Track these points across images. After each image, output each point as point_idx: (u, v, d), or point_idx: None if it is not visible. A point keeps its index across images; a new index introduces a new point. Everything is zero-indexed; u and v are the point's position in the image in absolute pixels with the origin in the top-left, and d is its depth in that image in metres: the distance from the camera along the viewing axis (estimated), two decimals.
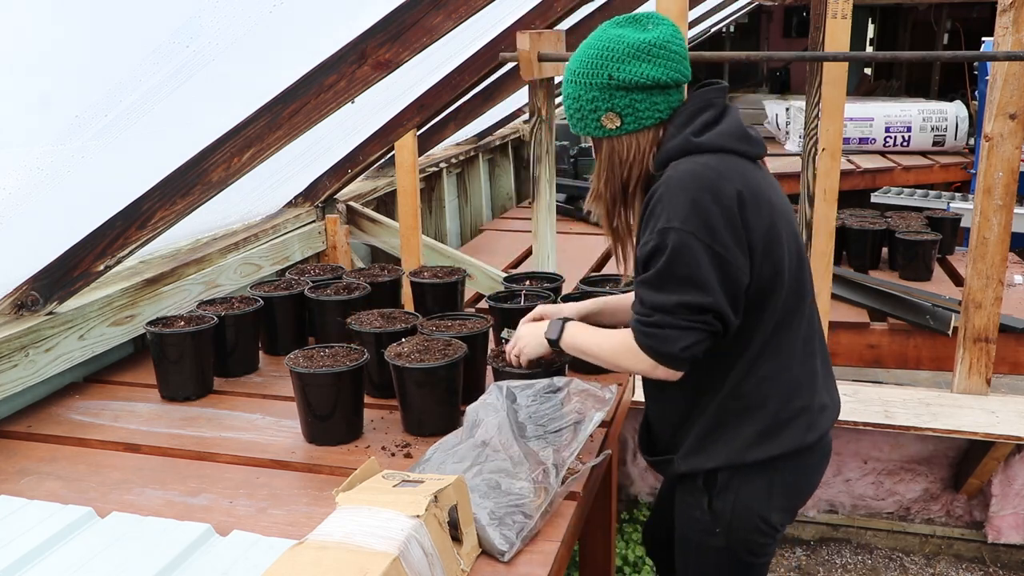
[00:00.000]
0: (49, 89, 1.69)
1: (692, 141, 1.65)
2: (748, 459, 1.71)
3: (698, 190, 1.59)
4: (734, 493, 1.74)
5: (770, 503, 1.75)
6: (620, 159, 1.71)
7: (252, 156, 2.18)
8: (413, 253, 3.48)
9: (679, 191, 1.60)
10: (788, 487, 1.77)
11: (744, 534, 1.76)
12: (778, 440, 1.71)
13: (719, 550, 1.79)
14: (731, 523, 1.75)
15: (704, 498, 1.77)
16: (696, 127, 1.66)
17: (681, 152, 1.65)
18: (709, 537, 1.79)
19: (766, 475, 1.74)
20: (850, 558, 3.31)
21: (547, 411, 1.88)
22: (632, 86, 1.64)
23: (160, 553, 1.47)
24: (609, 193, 1.75)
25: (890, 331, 3.48)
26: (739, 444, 1.71)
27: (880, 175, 6.75)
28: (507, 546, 1.53)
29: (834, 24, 2.82)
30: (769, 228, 1.64)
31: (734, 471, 1.73)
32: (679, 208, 1.58)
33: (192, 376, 2.26)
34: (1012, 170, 2.83)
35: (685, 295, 1.59)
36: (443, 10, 2.11)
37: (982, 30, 8.04)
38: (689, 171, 1.62)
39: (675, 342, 1.62)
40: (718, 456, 1.73)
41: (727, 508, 1.75)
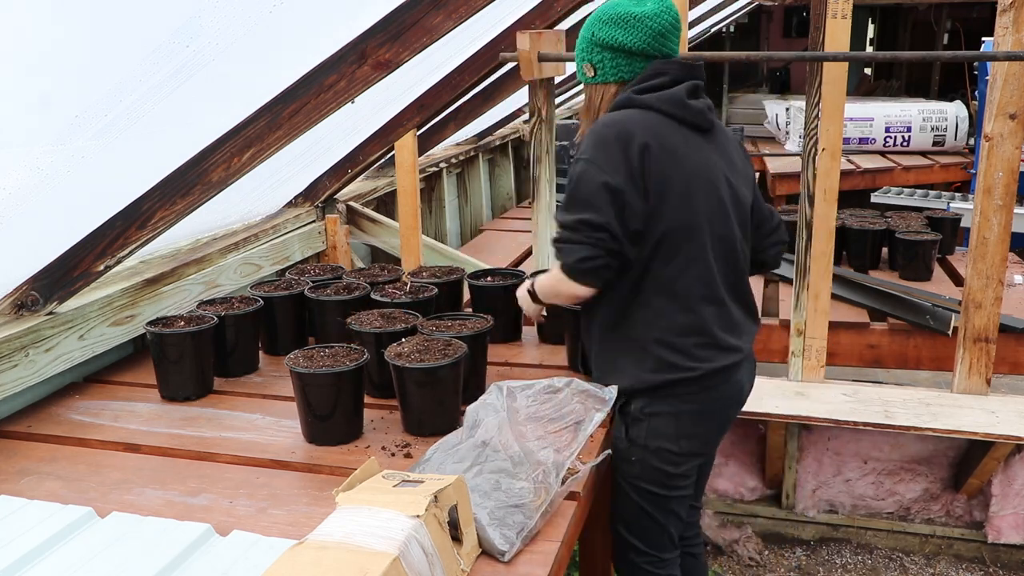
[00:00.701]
0: (49, 89, 1.69)
1: (631, 97, 1.95)
2: (651, 382, 1.96)
3: (610, 135, 1.89)
4: (646, 422, 1.99)
5: (678, 430, 1.99)
6: (591, 102, 2.07)
7: (252, 156, 2.18)
8: (413, 253, 3.48)
9: (595, 133, 1.92)
10: (694, 415, 1.99)
11: (659, 465, 2.00)
12: (680, 366, 1.94)
13: (636, 478, 2.04)
14: (645, 449, 2.00)
15: (622, 428, 2.03)
16: (640, 88, 1.95)
17: (620, 105, 1.96)
18: (628, 465, 2.04)
19: (672, 403, 1.98)
20: (850, 558, 3.31)
21: (547, 411, 1.89)
22: (604, 45, 1.97)
23: (160, 553, 1.47)
24: (584, 127, 2.08)
25: (890, 331, 3.48)
26: (641, 368, 1.96)
27: (880, 175, 6.75)
28: (507, 546, 1.53)
29: (834, 24, 2.82)
30: (667, 181, 1.89)
31: (641, 396, 1.98)
32: (590, 146, 1.91)
33: (192, 376, 2.26)
34: (1012, 170, 2.83)
35: (582, 214, 1.87)
36: (443, 10, 2.11)
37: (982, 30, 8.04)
38: (610, 119, 1.93)
39: (574, 254, 1.89)
40: (622, 377, 1.99)
41: (640, 435, 2.00)
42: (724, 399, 2.04)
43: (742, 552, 3.34)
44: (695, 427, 2.01)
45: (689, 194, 1.91)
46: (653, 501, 2.05)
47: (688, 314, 1.94)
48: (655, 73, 1.96)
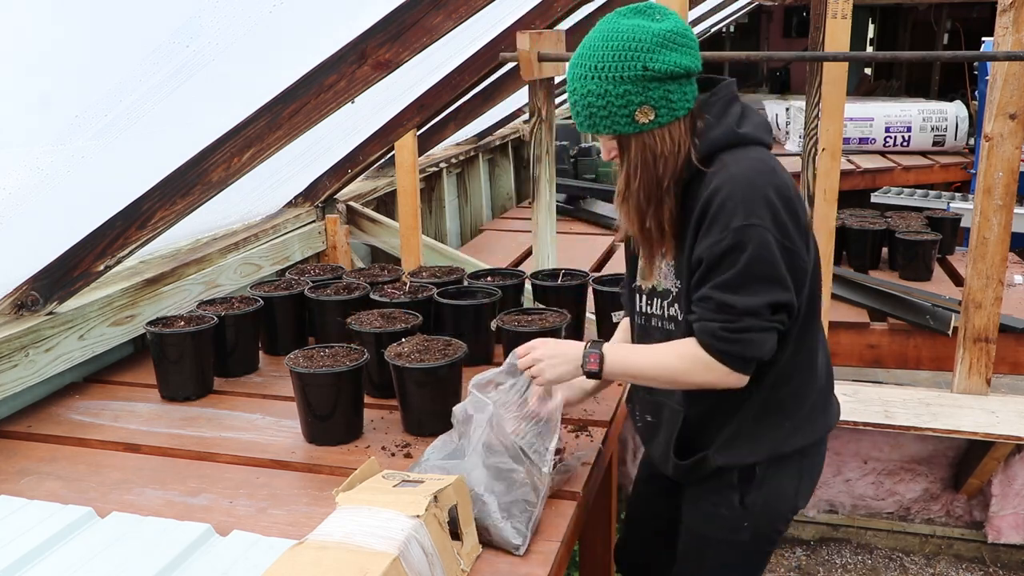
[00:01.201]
0: (49, 89, 1.69)
1: (737, 133, 1.60)
2: (786, 450, 1.72)
3: (765, 184, 1.55)
4: (768, 485, 1.73)
5: (799, 491, 1.78)
6: (654, 155, 1.60)
7: (252, 156, 2.18)
8: (413, 253, 3.48)
9: (750, 187, 1.55)
10: (813, 473, 1.80)
11: (772, 525, 1.79)
12: (811, 429, 1.74)
13: (741, 544, 1.79)
14: (762, 515, 1.76)
15: (735, 495, 1.75)
16: (735, 118, 1.62)
17: (727, 143, 1.60)
18: (734, 533, 1.77)
19: (798, 464, 1.76)
20: (850, 558, 3.31)
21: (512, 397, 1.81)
22: (667, 76, 1.55)
23: (160, 553, 1.47)
24: (643, 192, 1.62)
25: (890, 331, 3.48)
26: (780, 435, 1.71)
27: (880, 175, 6.75)
28: (520, 539, 1.54)
29: (834, 24, 2.82)
30: (807, 219, 1.64)
31: (771, 463, 1.73)
32: (754, 204, 1.53)
33: (192, 376, 2.26)
34: (1012, 170, 2.83)
35: (771, 295, 1.55)
36: (443, 10, 2.11)
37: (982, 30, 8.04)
38: (754, 167, 1.58)
39: (763, 345, 1.57)
40: (761, 449, 1.71)
41: (759, 501, 1.74)
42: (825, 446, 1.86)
43: None
44: (812, 485, 1.82)
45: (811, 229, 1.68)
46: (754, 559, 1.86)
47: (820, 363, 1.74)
48: (731, 98, 1.65)
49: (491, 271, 2.85)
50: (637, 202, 1.64)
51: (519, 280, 2.70)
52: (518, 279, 2.71)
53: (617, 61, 1.55)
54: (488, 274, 2.79)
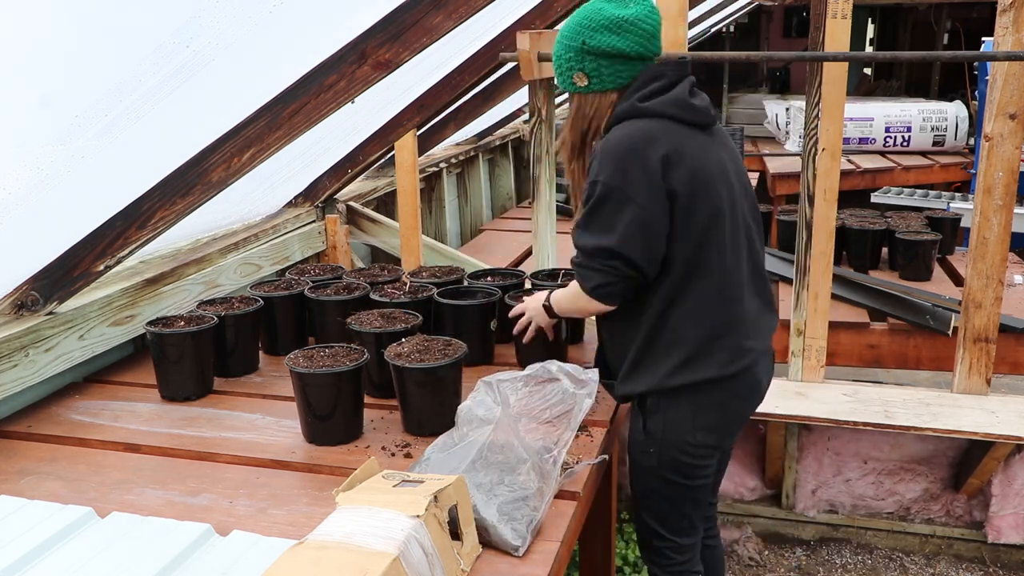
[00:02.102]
0: (49, 89, 1.69)
1: (637, 106, 1.90)
2: (669, 384, 1.94)
3: (626, 150, 1.84)
4: (662, 414, 1.97)
5: (694, 423, 1.97)
6: (583, 113, 1.99)
7: (252, 156, 2.18)
8: (413, 253, 3.48)
9: (610, 150, 1.86)
10: (711, 410, 1.98)
11: (673, 453, 1.98)
12: (697, 369, 1.93)
13: (653, 469, 2.02)
14: (662, 442, 1.98)
15: (640, 420, 2.02)
16: (644, 94, 1.90)
17: (626, 115, 1.91)
18: (644, 456, 2.02)
19: (690, 399, 1.96)
20: (850, 558, 3.31)
21: (537, 402, 1.89)
22: (599, 53, 1.90)
23: (160, 553, 1.47)
24: (571, 140, 2.04)
25: (890, 331, 3.48)
26: (662, 372, 1.94)
27: (880, 175, 6.75)
28: (520, 540, 1.54)
29: (834, 24, 2.82)
30: (691, 188, 1.85)
31: (660, 395, 1.96)
32: (607, 165, 1.85)
33: (192, 376, 2.26)
34: (1012, 170, 2.83)
35: (600, 240, 1.86)
36: (443, 10, 2.11)
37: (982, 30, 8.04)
38: (624, 135, 1.87)
39: (590, 280, 1.91)
40: (645, 382, 1.97)
41: (658, 428, 1.98)
42: (741, 396, 2.02)
43: (742, 552, 3.34)
44: (711, 420, 1.99)
45: (710, 197, 1.88)
46: (673, 489, 2.04)
47: (712, 316, 1.92)
48: (653, 76, 1.92)
49: (491, 271, 2.85)
50: (568, 148, 2.06)
51: (519, 280, 2.71)
52: (518, 279, 2.71)
53: (570, 32, 1.95)
54: (488, 274, 2.79)
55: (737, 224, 1.96)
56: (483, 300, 2.47)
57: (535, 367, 1.98)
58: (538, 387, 1.91)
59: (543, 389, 1.91)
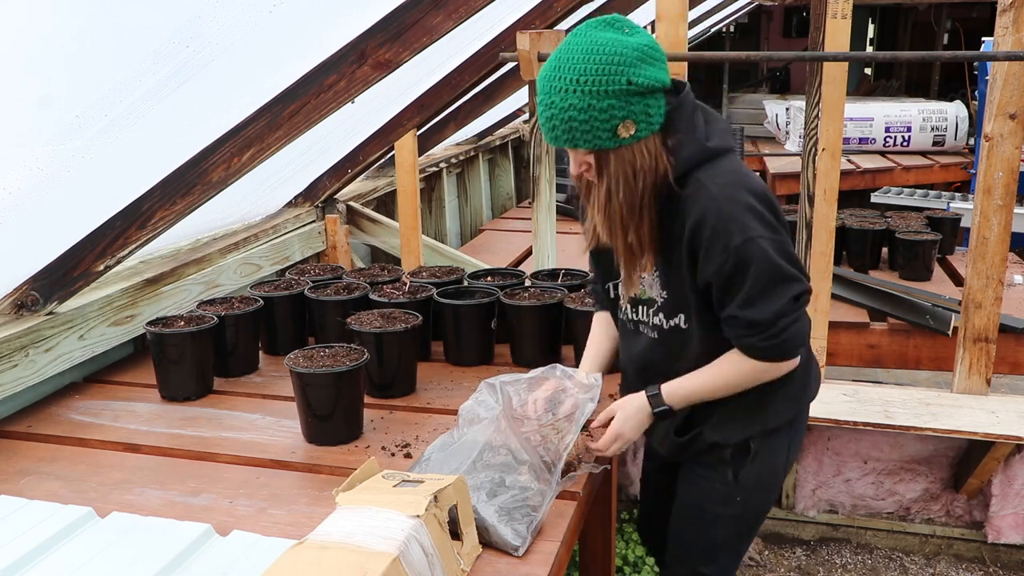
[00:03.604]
0: (49, 89, 1.69)
1: (707, 148, 1.64)
2: (777, 423, 1.81)
3: (744, 195, 1.62)
4: (760, 460, 1.82)
5: (788, 461, 1.86)
6: (634, 169, 1.61)
7: (252, 156, 2.18)
8: (413, 253, 3.48)
9: (732, 203, 1.61)
10: (798, 441, 1.88)
11: (764, 496, 1.87)
12: (797, 400, 1.82)
13: (734, 518, 1.87)
14: (755, 489, 1.84)
15: (728, 469, 1.83)
16: (702, 131, 1.65)
17: (700, 159, 1.64)
18: (727, 507, 1.85)
19: (787, 435, 1.84)
20: (850, 558, 3.31)
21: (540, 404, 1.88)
22: (647, 90, 1.56)
23: (160, 553, 1.47)
24: (625, 207, 1.64)
25: (890, 331, 3.48)
26: (771, 411, 1.80)
27: (880, 175, 6.74)
28: (520, 540, 1.54)
29: (834, 24, 2.82)
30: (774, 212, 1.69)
31: (763, 437, 1.81)
32: (742, 218, 1.60)
33: (192, 376, 2.26)
34: (1012, 170, 2.83)
35: (787, 293, 1.64)
36: (443, 10, 2.11)
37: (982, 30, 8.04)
38: (727, 181, 1.63)
39: (799, 333, 1.69)
40: (754, 425, 1.80)
41: (752, 476, 1.83)
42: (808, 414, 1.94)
43: None
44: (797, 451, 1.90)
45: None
46: (746, 532, 1.93)
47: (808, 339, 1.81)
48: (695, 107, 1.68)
49: (491, 271, 2.85)
50: (621, 217, 1.65)
51: (519, 280, 2.71)
52: (518, 279, 2.72)
53: (601, 75, 1.53)
54: (488, 274, 2.79)
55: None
56: (482, 300, 2.47)
57: (539, 370, 1.96)
58: (542, 390, 1.91)
59: (546, 392, 1.90)
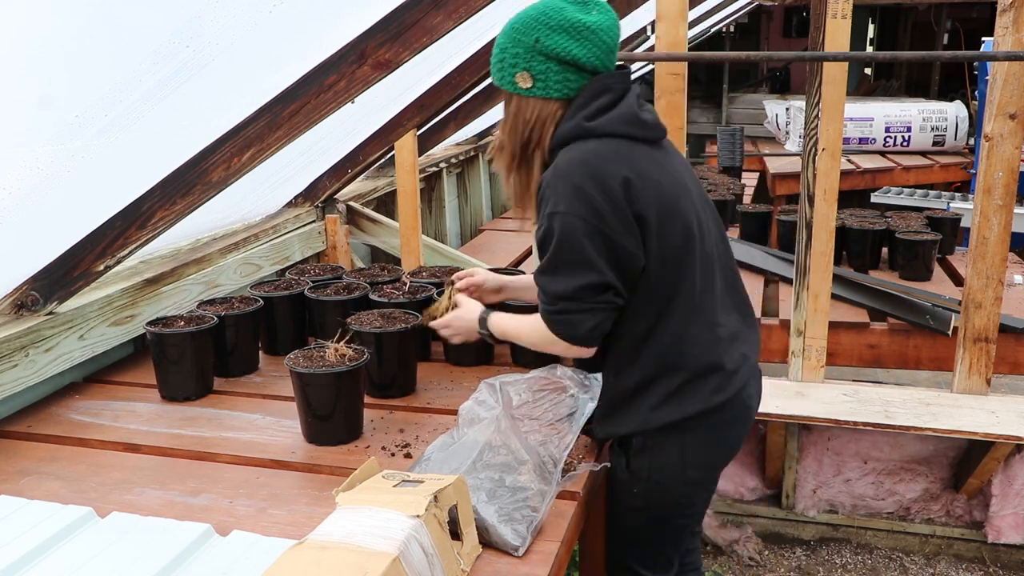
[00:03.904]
0: (49, 89, 1.69)
1: (584, 126, 1.73)
2: (653, 424, 1.81)
3: (582, 176, 1.68)
4: (649, 454, 1.84)
5: (684, 461, 1.84)
6: (523, 119, 1.79)
7: (252, 156, 2.18)
8: (413, 253, 3.48)
9: (564, 178, 1.70)
10: (701, 445, 1.85)
11: (661, 494, 1.87)
12: (681, 405, 1.79)
13: (639, 510, 1.91)
14: (648, 482, 1.86)
15: (623, 459, 1.89)
16: (590, 111, 1.74)
17: (573, 136, 1.74)
18: (629, 497, 1.90)
19: (678, 436, 1.82)
20: (850, 558, 3.31)
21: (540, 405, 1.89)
22: (552, 55, 1.72)
23: (160, 553, 1.46)
24: (509, 148, 1.84)
25: (890, 331, 3.48)
26: (644, 410, 1.81)
27: (880, 175, 6.74)
28: (520, 540, 1.54)
29: (834, 24, 2.82)
30: (659, 211, 1.71)
31: (645, 436, 1.83)
32: (564, 194, 1.68)
33: (192, 376, 2.26)
34: (1012, 170, 2.83)
35: (582, 278, 1.69)
36: (443, 10, 2.11)
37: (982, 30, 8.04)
38: (576, 159, 1.71)
39: (581, 325, 1.73)
40: (627, 423, 1.84)
41: (643, 468, 1.86)
42: (731, 426, 1.88)
43: (742, 552, 3.34)
44: (702, 456, 1.86)
45: (679, 217, 1.75)
46: (657, 529, 1.95)
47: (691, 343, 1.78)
48: (598, 91, 1.74)
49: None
50: (507, 155, 1.86)
51: None
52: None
53: (523, 26, 1.74)
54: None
55: (705, 239, 1.81)
56: None
57: (539, 370, 1.96)
58: (542, 391, 1.91)
59: (546, 392, 1.91)
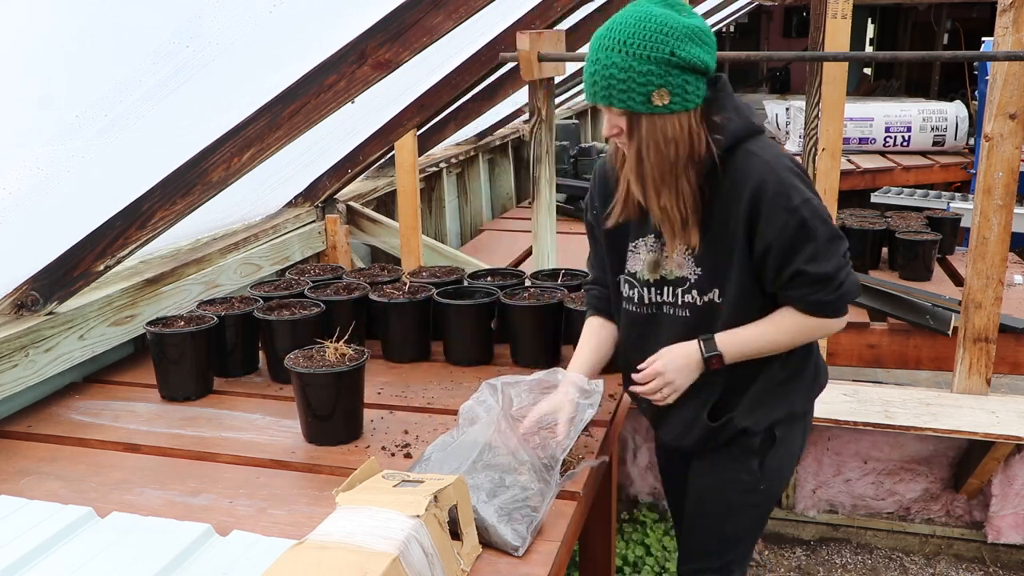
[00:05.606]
0: (49, 89, 1.69)
1: (753, 125, 1.76)
2: (798, 409, 1.89)
3: (792, 164, 1.76)
4: (783, 446, 1.89)
5: (802, 447, 1.96)
6: (664, 137, 1.68)
7: (252, 156, 2.18)
8: (413, 253, 3.48)
9: (787, 170, 1.73)
10: (809, 432, 1.97)
11: (779, 485, 1.94)
12: (813, 388, 1.91)
13: (755, 507, 1.95)
14: (775, 476, 1.91)
15: (755, 459, 1.89)
16: (747, 112, 1.77)
17: (747, 134, 1.75)
18: (750, 496, 1.92)
19: (803, 422, 1.93)
20: (850, 558, 3.31)
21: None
22: (688, 66, 1.64)
23: (160, 553, 1.47)
24: (658, 170, 1.71)
25: (890, 331, 3.48)
26: (793, 396, 1.88)
27: (880, 175, 6.74)
28: (520, 540, 1.54)
29: (834, 24, 2.82)
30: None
31: (785, 423, 1.88)
32: (795, 184, 1.72)
33: (192, 376, 2.26)
34: (1012, 170, 2.83)
35: (843, 245, 1.81)
36: (443, 10, 2.11)
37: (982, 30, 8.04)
38: (776, 152, 1.76)
39: (855, 284, 1.83)
40: (778, 411, 1.86)
41: (774, 463, 1.90)
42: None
43: None
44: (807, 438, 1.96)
45: None
46: (762, 518, 2.00)
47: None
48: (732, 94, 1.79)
49: (491, 271, 2.85)
50: (653, 180, 1.72)
51: (519, 280, 2.71)
52: (518, 279, 2.71)
53: (647, 41, 1.63)
54: (488, 274, 2.79)
55: None
56: (482, 300, 2.47)
57: (540, 373, 1.95)
58: (542, 394, 1.91)
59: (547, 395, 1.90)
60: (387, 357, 2.52)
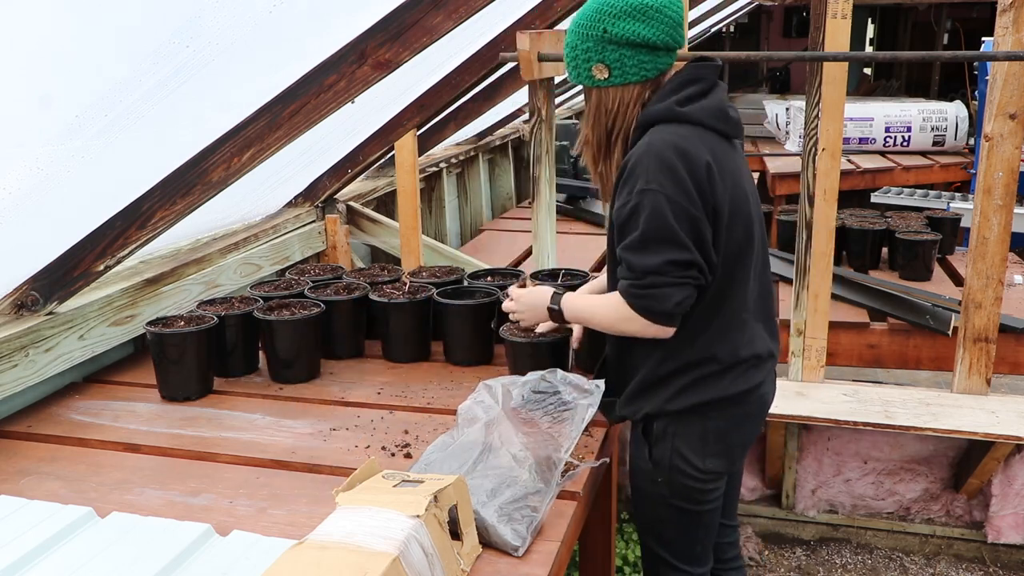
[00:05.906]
0: (49, 89, 1.69)
1: (675, 110, 1.76)
2: (679, 405, 1.85)
3: (674, 156, 1.70)
4: (670, 440, 1.88)
5: (704, 448, 1.87)
6: (605, 109, 1.84)
7: (252, 156, 2.18)
8: (413, 253, 3.48)
9: (656, 156, 1.71)
10: (720, 432, 1.88)
11: (682, 480, 1.89)
12: (705, 390, 1.84)
13: (662, 498, 1.93)
14: (671, 470, 1.89)
15: (644, 448, 1.92)
16: (681, 97, 1.77)
17: (663, 118, 1.77)
18: (652, 486, 1.93)
19: (698, 422, 1.86)
20: (850, 558, 3.31)
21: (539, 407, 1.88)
22: (622, 42, 1.76)
23: (160, 553, 1.46)
24: (595, 139, 1.88)
25: (890, 331, 3.48)
26: (673, 391, 1.85)
27: (880, 175, 6.74)
28: (520, 541, 1.54)
29: (834, 24, 2.82)
30: (730, 205, 1.76)
31: (668, 420, 1.87)
32: (655, 172, 1.70)
33: (192, 376, 2.26)
34: (1012, 170, 2.83)
35: (669, 254, 1.71)
36: (443, 10, 2.11)
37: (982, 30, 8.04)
38: (667, 140, 1.73)
39: (668, 299, 1.73)
40: (653, 402, 1.87)
41: (665, 455, 1.89)
42: (751, 415, 1.94)
43: (742, 552, 3.34)
44: (722, 444, 1.89)
45: (742, 212, 1.80)
46: (684, 516, 1.96)
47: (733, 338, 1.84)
48: (691, 79, 1.79)
49: (491, 271, 2.85)
50: (592, 148, 1.90)
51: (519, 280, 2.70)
52: (518, 279, 2.71)
53: (586, 19, 1.79)
54: (488, 274, 2.79)
55: (755, 244, 1.86)
56: (482, 300, 2.47)
57: (539, 373, 1.95)
58: (541, 394, 1.91)
59: (545, 395, 1.90)
60: (387, 357, 2.52)
